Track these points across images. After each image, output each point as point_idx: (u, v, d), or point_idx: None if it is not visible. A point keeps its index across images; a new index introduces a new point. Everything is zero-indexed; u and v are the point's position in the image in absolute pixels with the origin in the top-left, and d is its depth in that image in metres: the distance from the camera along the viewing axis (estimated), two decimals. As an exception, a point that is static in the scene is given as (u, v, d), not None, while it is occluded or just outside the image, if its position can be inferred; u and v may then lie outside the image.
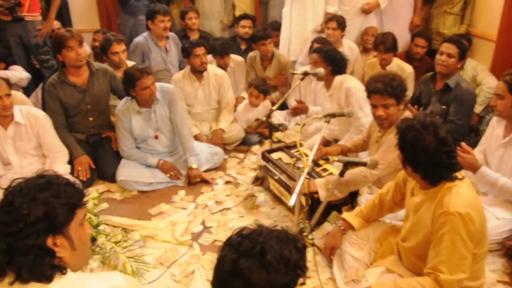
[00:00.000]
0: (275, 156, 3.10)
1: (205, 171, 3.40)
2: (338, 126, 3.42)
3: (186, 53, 3.72)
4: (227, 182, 3.33)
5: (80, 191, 1.34)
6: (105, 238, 2.54)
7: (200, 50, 3.67)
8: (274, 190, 3.00)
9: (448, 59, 3.18)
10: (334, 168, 2.89)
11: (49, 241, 1.23)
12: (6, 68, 4.06)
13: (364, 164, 2.16)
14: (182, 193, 3.19)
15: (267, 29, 4.20)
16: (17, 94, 3.40)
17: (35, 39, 4.24)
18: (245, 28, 4.78)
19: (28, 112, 3.09)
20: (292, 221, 2.79)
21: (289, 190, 2.77)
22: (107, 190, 3.27)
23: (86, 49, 4.88)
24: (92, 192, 2.81)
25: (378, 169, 2.45)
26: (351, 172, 2.56)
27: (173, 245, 2.64)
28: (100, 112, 3.52)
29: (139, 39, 4.28)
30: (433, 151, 1.76)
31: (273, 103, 3.88)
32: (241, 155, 3.74)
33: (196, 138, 3.66)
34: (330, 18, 4.30)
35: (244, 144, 3.89)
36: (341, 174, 2.19)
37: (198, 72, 3.78)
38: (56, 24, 4.54)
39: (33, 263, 1.20)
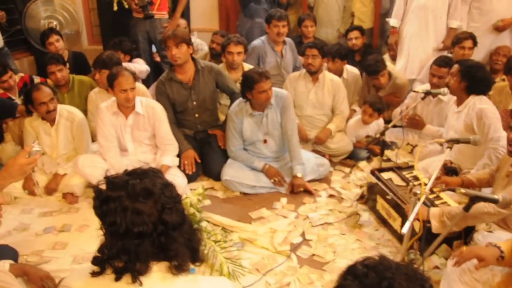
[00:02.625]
0: (385, 175, 2.93)
1: (309, 181, 3.32)
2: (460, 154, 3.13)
3: (302, 53, 3.77)
4: (331, 196, 3.23)
5: None
6: (205, 235, 2.58)
7: (311, 51, 3.67)
8: (381, 211, 2.84)
9: None
10: (449, 198, 2.65)
11: None
12: (130, 61, 4.34)
13: (495, 201, 1.93)
14: (284, 200, 3.15)
15: (379, 64, 3.95)
16: (140, 86, 3.60)
17: (160, 35, 4.49)
18: (351, 40, 4.64)
19: (147, 103, 3.25)
20: (396, 247, 2.63)
21: (400, 213, 2.60)
22: (210, 187, 3.34)
23: (204, 48, 5.08)
24: (198, 188, 2.87)
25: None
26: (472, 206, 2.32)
27: (271, 252, 2.61)
28: (205, 109, 3.60)
29: (256, 42, 4.33)
30: None
31: (386, 121, 3.70)
32: (347, 170, 3.61)
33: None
34: (465, 37, 3.97)
35: (351, 158, 3.75)
36: (466, 208, 1.98)
37: (312, 74, 3.75)
38: (183, 23, 4.76)
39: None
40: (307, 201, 3.15)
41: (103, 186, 1.27)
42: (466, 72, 2.95)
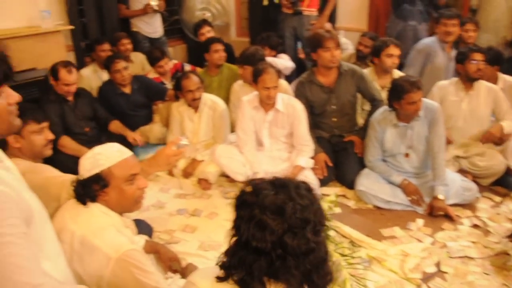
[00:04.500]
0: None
1: (451, 205, 2.97)
2: None
3: (463, 56, 3.35)
4: (475, 226, 2.86)
5: None
6: (333, 247, 2.47)
7: (478, 56, 3.28)
8: (537, 256, 2.44)
9: None
10: None
11: None
12: (275, 56, 4.37)
13: None
14: (420, 222, 2.87)
15: None
16: (282, 83, 3.60)
17: (307, 32, 4.46)
18: None
19: (288, 101, 3.23)
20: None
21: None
22: (342, 195, 3.20)
23: (348, 47, 4.92)
24: (331, 195, 2.76)
25: None
26: None
27: (399, 278, 2.39)
28: (344, 113, 3.47)
29: (426, 40, 4.06)
30: None
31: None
32: (497, 198, 3.16)
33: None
34: None
35: (503, 185, 3.27)
36: None
37: (470, 80, 3.35)
38: (328, 25, 4.66)
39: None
40: (446, 227, 2.83)
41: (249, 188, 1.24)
42: None
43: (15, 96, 1.30)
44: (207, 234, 2.80)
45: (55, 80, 3.36)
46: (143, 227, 2.58)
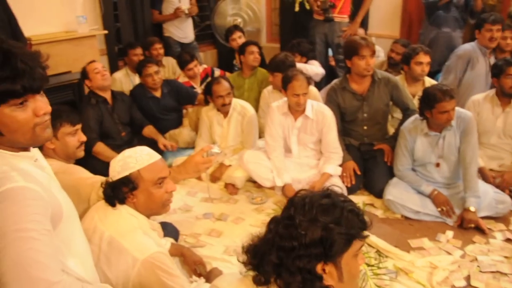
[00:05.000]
0: None
1: (483, 217, 2.88)
2: None
3: (499, 70, 3.22)
4: (508, 240, 2.76)
5: (363, 222, 1.22)
6: (359, 256, 2.43)
7: None
8: None
9: None
10: None
11: (319, 267, 1.16)
12: (306, 62, 4.35)
13: None
14: (450, 234, 2.80)
15: None
16: (312, 90, 3.59)
17: (338, 39, 4.43)
18: None
19: (318, 108, 3.22)
20: None
21: None
22: (370, 204, 3.16)
23: (380, 55, 4.86)
24: (358, 203, 2.71)
25: None
26: None
27: (427, 290, 2.35)
28: (376, 122, 3.42)
29: (467, 46, 3.97)
30: None
31: None
32: (533, 213, 3.07)
33: (480, 171, 3.15)
34: None
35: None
36: None
37: (506, 96, 3.23)
38: (361, 31, 4.62)
39: (303, 285, 1.16)
40: (477, 240, 2.75)
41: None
42: None
43: (43, 108, 1.20)
44: (232, 239, 2.80)
45: (88, 80, 3.43)
46: (169, 230, 2.61)
